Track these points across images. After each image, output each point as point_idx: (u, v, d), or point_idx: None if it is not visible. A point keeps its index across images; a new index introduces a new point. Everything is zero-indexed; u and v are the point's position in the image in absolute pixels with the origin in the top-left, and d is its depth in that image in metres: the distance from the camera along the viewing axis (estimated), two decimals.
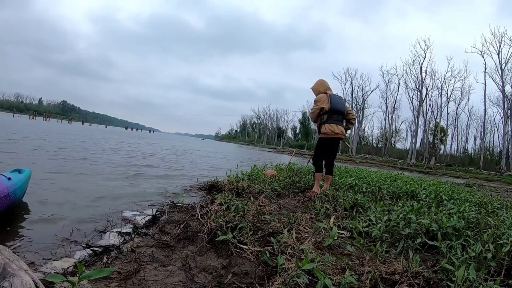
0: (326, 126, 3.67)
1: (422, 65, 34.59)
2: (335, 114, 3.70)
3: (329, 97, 3.70)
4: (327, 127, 3.67)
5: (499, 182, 18.85)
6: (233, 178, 4.26)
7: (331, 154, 3.89)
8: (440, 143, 39.27)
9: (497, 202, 4.18)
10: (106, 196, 3.38)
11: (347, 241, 2.09)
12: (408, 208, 2.76)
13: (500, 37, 28.83)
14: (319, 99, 3.72)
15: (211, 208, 2.54)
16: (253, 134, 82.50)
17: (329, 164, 3.88)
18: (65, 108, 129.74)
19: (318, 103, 3.71)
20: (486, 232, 2.13)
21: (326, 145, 3.79)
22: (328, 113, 3.68)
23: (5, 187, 2.23)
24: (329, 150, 3.84)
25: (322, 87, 3.85)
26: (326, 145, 3.79)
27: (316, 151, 3.88)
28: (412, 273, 1.48)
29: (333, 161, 3.94)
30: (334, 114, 3.69)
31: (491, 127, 36.98)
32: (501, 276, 1.61)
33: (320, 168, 3.83)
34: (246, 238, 1.92)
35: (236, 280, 1.50)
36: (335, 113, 3.70)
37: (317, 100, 3.74)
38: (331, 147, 3.82)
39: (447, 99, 35.53)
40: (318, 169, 3.84)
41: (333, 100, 3.70)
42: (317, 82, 3.96)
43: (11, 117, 39.30)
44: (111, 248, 1.78)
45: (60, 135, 14.24)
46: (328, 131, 3.66)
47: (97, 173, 4.89)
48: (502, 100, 30.24)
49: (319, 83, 3.92)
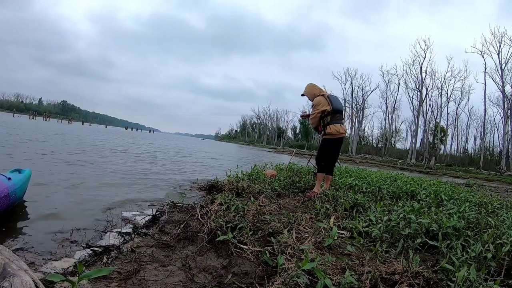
0: (331, 127, 3.67)
1: (422, 65, 34.66)
2: (337, 113, 3.72)
3: (328, 99, 3.72)
4: (332, 127, 3.66)
5: (499, 182, 18.86)
6: (233, 178, 4.26)
7: (335, 154, 3.90)
8: (440, 143, 39.29)
9: (497, 202, 4.18)
10: (107, 196, 3.38)
11: (347, 241, 2.09)
12: (408, 208, 2.76)
13: (500, 37, 28.88)
14: (318, 102, 3.71)
15: (211, 208, 2.54)
16: (253, 134, 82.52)
17: (331, 165, 3.90)
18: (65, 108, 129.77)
19: (318, 107, 3.70)
20: (486, 232, 2.13)
21: (331, 146, 3.80)
22: (331, 114, 3.68)
23: (5, 187, 2.23)
24: (333, 151, 3.85)
25: (316, 90, 3.84)
26: (331, 146, 3.80)
27: (320, 152, 3.86)
28: (412, 273, 1.48)
29: (335, 161, 3.93)
30: (336, 114, 3.71)
31: (491, 127, 37.05)
32: (501, 276, 1.61)
33: (323, 169, 3.83)
34: (246, 238, 1.92)
35: (236, 280, 1.50)
36: (337, 113, 3.72)
37: (317, 104, 3.72)
38: (336, 147, 3.84)
39: (447, 99, 35.58)
40: (320, 170, 3.84)
41: (333, 101, 3.73)
42: (308, 86, 3.94)
43: (11, 117, 39.29)
44: (111, 248, 1.78)
45: (60, 135, 14.23)
46: (333, 131, 3.66)
47: (99, 174, 4.89)
48: (502, 100, 30.27)
49: (311, 87, 3.91)
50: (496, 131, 36.26)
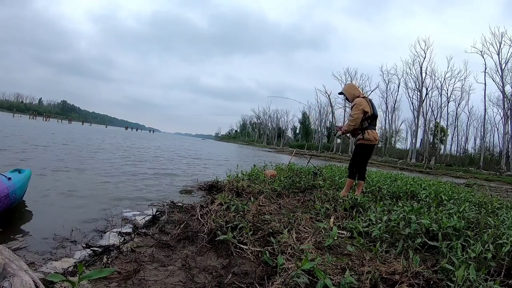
0: (370, 132, 3.49)
1: (422, 65, 34.57)
2: (375, 119, 3.60)
3: (369, 102, 3.54)
4: (371, 133, 3.50)
5: (499, 182, 18.86)
6: (233, 178, 4.26)
7: (367, 160, 3.77)
8: (440, 143, 39.26)
9: (497, 202, 4.18)
10: (107, 197, 3.38)
11: (347, 241, 2.09)
12: (408, 208, 2.76)
13: (500, 37, 28.82)
14: (360, 103, 3.47)
15: (211, 208, 2.54)
16: (253, 134, 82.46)
17: (363, 170, 3.74)
18: (65, 108, 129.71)
19: (360, 107, 3.45)
20: (486, 232, 2.13)
21: (368, 151, 3.67)
22: (370, 118, 3.52)
23: (5, 187, 2.23)
24: (368, 156, 3.73)
25: (356, 91, 3.67)
26: (368, 151, 3.67)
27: (356, 157, 3.67)
28: (412, 273, 1.48)
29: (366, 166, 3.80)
30: (374, 120, 3.57)
31: (491, 127, 36.98)
32: (501, 276, 1.61)
33: (354, 175, 3.66)
34: (246, 238, 1.92)
35: (236, 280, 1.50)
36: (374, 119, 3.58)
37: (358, 104, 3.47)
38: (370, 153, 3.73)
39: (447, 99, 35.52)
40: (352, 176, 3.66)
41: (373, 105, 3.58)
42: (348, 85, 3.83)
43: (11, 117, 39.27)
44: (111, 248, 1.78)
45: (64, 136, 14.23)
46: (371, 137, 3.50)
47: (99, 174, 4.89)
48: (502, 100, 30.23)
49: (352, 87, 3.77)
50: (496, 131, 36.24)
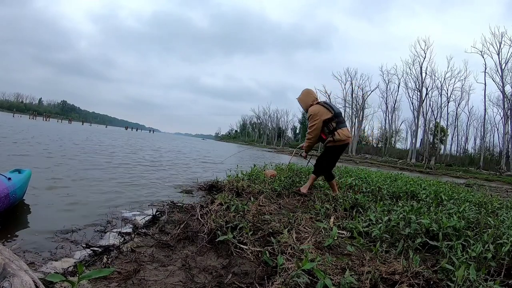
0: (340, 132, 3.45)
1: (422, 65, 34.62)
2: (340, 116, 3.56)
3: (325, 106, 3.54)
4: (341, 132, 3.45)
5: (499, 182, 18.87)
6: (233, 178, 4.26)
7: (337, 160, 3.73)
8: (440, 143, 39.26)
9: (497, 202, 4.19)
10: (107, 196, 3.38)
11: (347, 241, 2.09)
12: (408, 208, 2.76)
13: (500, 37, 28.85)
14: (316, 113, 3.48)
15: (211, 208, 2.54)
16: (253, 134, 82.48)
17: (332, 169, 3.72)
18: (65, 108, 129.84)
19: (316, 117, 3.46)
20: (486, 232, 2.13)
21: (339, 152, 3.61)
22: (335, 119, 3.48)
23: (5, 187, 2.23)
24: (338, 157, 3.68)
25: (310, 98, 3.65)
26: (339, 152, 3.61)
27: (325, 161, 3.62)
28: (412, 273, 1.48)
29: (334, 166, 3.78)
30: (340, 117, 3.54)
31: (491, 127, 37.00)
32: (501, 276, 1.61)
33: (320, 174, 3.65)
34: (246, 238, 1.92)
35: (236, 280, 1.50)
36: (340, 116, 3.55)
37: (314, 114, 3.48)
38: (341, 152, 3.65)
39: (447, 99, 35.52)
40: (318, 174, 3.67)
41: (331, 105, 3.58)
42: (303, 93, 3.72)
43: (11, 117, 39.28)
44: (111, 248, 1.78)
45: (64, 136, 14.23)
46: (343, 136, 3.46)
47: (99, 174, 4.89)
48: (502, 100, 30.24)
49: (306, 94, 3.70)
50: (496, 131, 36.27)
